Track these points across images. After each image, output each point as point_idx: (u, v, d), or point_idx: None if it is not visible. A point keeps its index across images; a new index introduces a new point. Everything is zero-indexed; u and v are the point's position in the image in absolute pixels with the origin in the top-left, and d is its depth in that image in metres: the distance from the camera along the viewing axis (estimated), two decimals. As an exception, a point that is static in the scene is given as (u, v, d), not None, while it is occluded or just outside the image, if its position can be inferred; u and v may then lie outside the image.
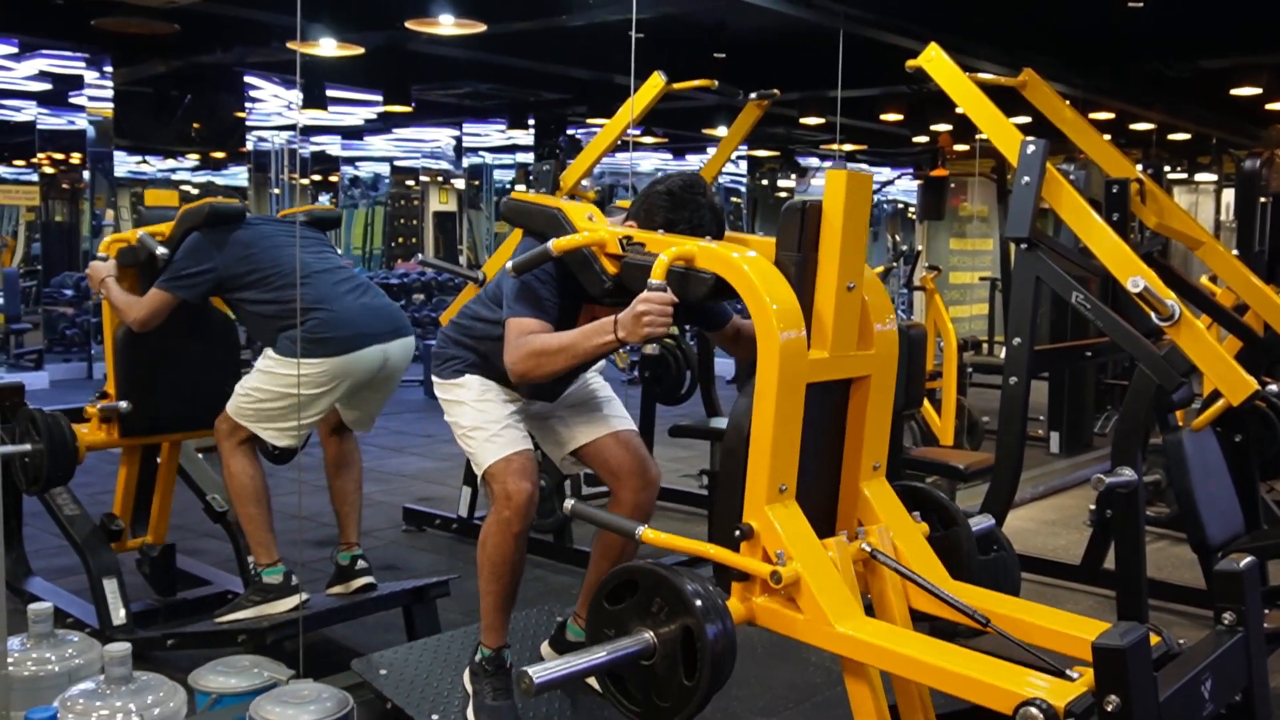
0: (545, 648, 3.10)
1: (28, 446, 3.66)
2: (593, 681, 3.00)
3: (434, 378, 2.94)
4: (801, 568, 2.01)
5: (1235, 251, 4.49)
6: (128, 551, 3.98)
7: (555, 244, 2.42)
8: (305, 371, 3.37)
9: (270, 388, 3.44)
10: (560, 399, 2.95)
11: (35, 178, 11.70)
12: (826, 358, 2.16)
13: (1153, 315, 3.22)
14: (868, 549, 2.20)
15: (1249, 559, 1.99)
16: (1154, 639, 1.84)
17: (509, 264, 2.50)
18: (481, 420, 2.81)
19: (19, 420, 3.74)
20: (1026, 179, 3.52)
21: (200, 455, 4.21)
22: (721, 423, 4.85)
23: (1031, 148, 3.52)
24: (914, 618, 2.25)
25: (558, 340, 2.50)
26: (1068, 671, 1.84)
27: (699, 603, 1.89)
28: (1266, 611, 2.11)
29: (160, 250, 3.57)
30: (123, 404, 3.71)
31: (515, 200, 2.78)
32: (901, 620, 2.20)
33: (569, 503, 2.34)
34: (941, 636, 2.24)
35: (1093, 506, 4.44)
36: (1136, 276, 3.19)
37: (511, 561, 2.78)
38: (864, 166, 2.21)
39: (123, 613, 3.55)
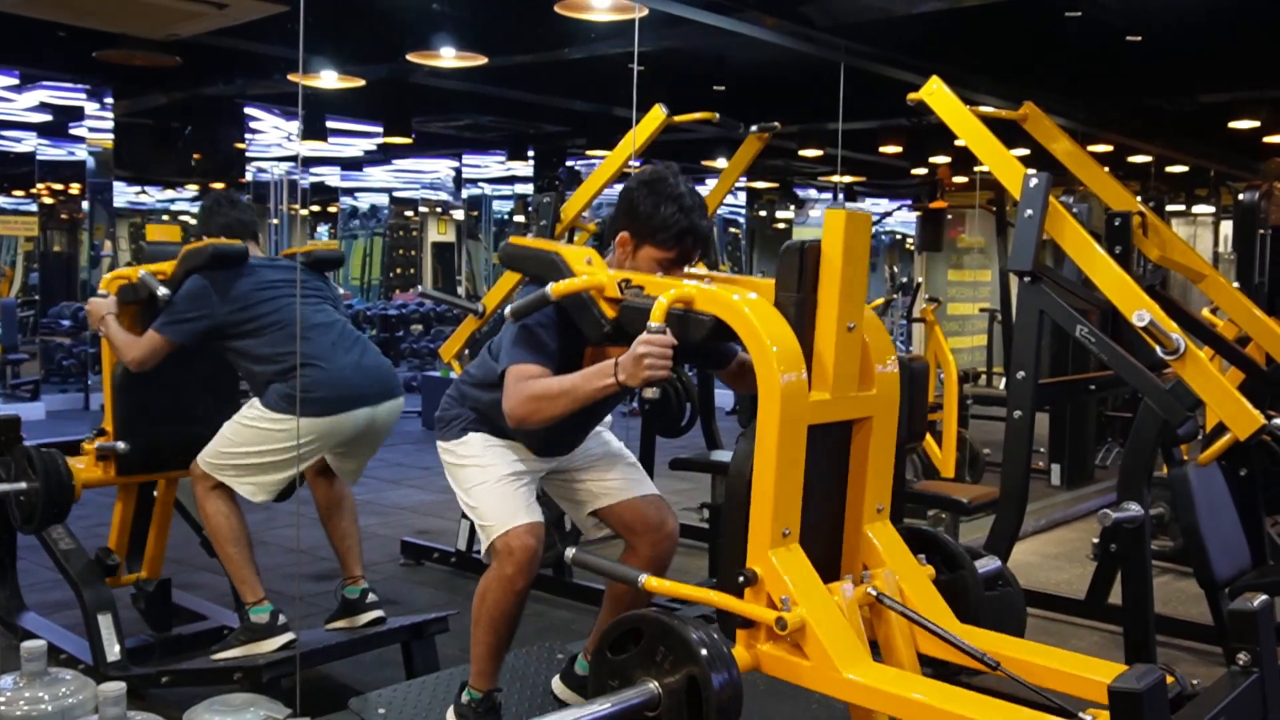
0: (556, 682, 3.04)
1: (23, 484, 3.63)
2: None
3: (439, 441, 2.87)
4: (807, 613, 1.99)
5: (1236, 284, 4.47)
6: (122, 587, 3.94)
7: (553, 288, 2.39)
8: (289, 428, 3.33)
9: (248, 440, 3.40)
10: (578, 454, 2.89)
11: (34, 208, 11.71)
12: (828, 399, 2.15)
13: (1157, 349, 3.20)
14: (873, 593, 2.19)
15: (1263, 598, 1.96)
16: (1168, 680, 1.81)
17: (508, 310, 2.48)
18: (483, 476, 2.74)
19: (14, 456, 3.70)
20: (1029, 212, 3.50)
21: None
22: (722, 455, 4.82)
23: (1034, 181, 3.51)
24: (921, 662, 2.22)
25: (558, 384, 2.45)
26: (1080, 715, 1.81)
27: (704, 651, 1.87)
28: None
29: (162, 291, 3.49)
30: (120, 445, 3.67)
31: (513, 245, 2.73)
32: (909, 665, 2.18)
33: (569, 552, 2.32)
34: (946, 679, 2.21)
35: (1096, 540, 4.40)
36: (1142, 310, 3.17)
37: (510, 616, 2.72)
38: (863, 206, 2.20)
39: (117, 649, 3.50)
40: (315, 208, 14.25)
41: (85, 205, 9.96)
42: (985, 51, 6.52)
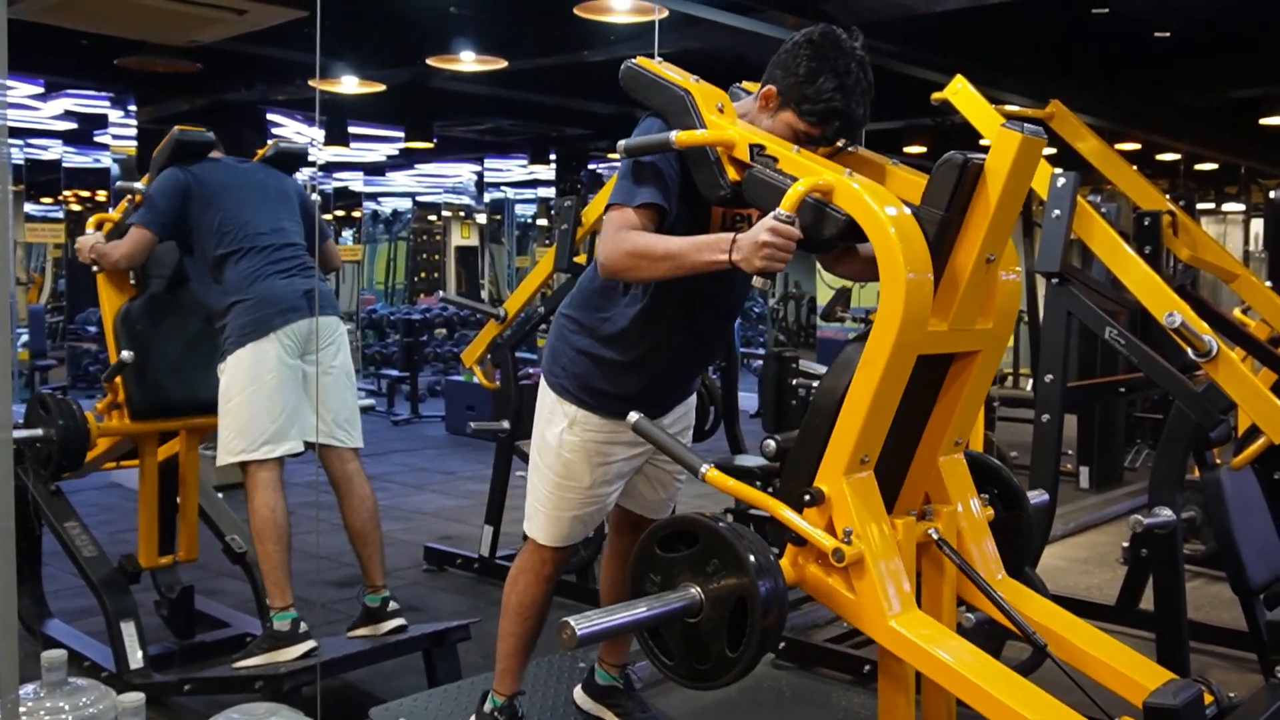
0: (578, 692, 3.00)
1: (39, 431, 3.63)
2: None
3: (544, 376, 2.64)
4: (868, 551, 1.87)
5: (1268, 283, 4.40)
6: (159, 567, 3.92)
7: (679, 137, 2.17)
8: (257, 355, 3.40)
9: (245, 390, 3.41)
10: (664, 421, 2.63)
11: (61, 215, 11.79)
12: (944, 331, 1.98)
13: (1189, 351, 3.14)
14: (934, 535, 2.06)
15: (1302, 608, 1.91)
16: (1207, 698, 1.77)
17: (621, 143, 2.25)
18: (564, 476, 2.59)
19: (30, 405, 3.71)
20: (1057, 212, 3.45)
21: (220, 495, 4.17)
22: (746, 460, 4.76)
23: (1062, 180, 3.46)
24: (959, 603, 2.15)
25: (664, 245, 2.21)
26: (1118, 720, 1.77)
27: (760, 580, 1.77)
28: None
29: (138, 185, 3.68)
30: (126, 354, 3.63)
31: (639, 68, 2.39)
32: (948, 613, 2.10)
33: (632, 416, 2.15)
34: (993, 639, 2.15)
35: (1126, 544, 4.34)
36: (1173, 312, 3.11)
37: (539, 605, 2.72)
38: (1040, 130, 2.02)
39: (140, 656, 3.50)
40: (339, 213, 14.31)
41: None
42: (1011, 49, 6.45)
